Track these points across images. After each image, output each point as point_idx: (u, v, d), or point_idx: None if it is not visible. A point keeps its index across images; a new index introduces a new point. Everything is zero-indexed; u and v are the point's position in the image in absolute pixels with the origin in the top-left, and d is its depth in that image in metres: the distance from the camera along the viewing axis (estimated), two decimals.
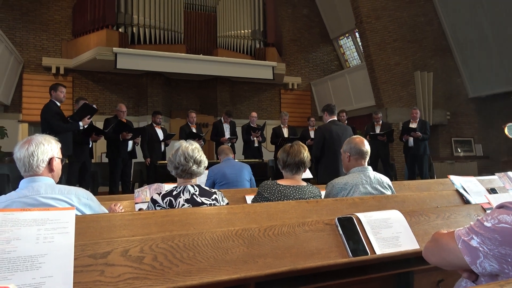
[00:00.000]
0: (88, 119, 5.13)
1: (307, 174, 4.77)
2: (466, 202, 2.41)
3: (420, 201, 2.27)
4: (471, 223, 0.99)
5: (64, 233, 1.20)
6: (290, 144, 2.46)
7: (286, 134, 7.50)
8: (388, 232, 1.66)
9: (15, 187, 1.83)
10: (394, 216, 1.74)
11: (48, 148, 1.86)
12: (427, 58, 9.37)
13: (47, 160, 1.84)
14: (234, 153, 6.83)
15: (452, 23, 9.47)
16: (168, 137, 6.76)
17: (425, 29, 9.39)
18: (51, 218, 1.21)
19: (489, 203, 2.14)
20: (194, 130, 6.89)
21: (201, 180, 3.74)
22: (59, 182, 1.92)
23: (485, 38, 8.89)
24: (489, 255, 0.92)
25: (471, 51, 9.36)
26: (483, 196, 2.37)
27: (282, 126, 7.66)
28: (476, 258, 0.94)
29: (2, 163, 6.59)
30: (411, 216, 1.79)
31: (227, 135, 7.24)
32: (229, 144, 6.87)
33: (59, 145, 1.96)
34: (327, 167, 4.50)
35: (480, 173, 8.65)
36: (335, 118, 4.70)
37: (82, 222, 1.49)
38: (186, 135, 6.52)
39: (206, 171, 3.92)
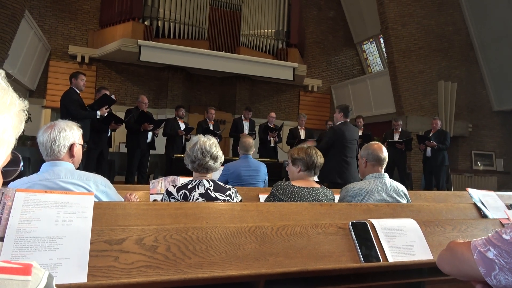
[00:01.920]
0: (105, 109, 5.23)
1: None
2: (484, 216, 2.36)
3: (436, 212, 2.23)
4: (489, 234, 0.97)
5: (83, 217, 1.23)
6: (305, 146, 2.43)
7: (303, 135, 7.47)
8: (402, 241, 1.64)
9: (35, 170, 1.88)
10: (409, 225, 1.72)
11: (70, 134, 1.89)
12: (452, 68, 9.19)
13: (68, 145, 1.88)
14: None
15: (481, 34, 9.25)
16: (188, 130, 6.83)
17: (452, 38, 9.20)
18: (71, 201, 1.25)
19: (508, 218, 2.09)
20: (211, 127, 6.96)
21: (215, 175, 3.72)
22: (77, 169, 1.96)
23: None
24: (505, 268, 0.90)
25: (499, 63, 9.13)
26: (502, 211, 2.31)
27: (299, 127, 7.64)
28: (491, 270, 0.92)
29: (24, 147, 6.77)
30: (426, 226, 1.76)
31: (246, 132, 7.28)
32: None
33: (81, 131, 2.00)
34: (337, 167, 4.57)
35: (499, 189, 8.43)
36: (348, 121, 4.76)
37: (99, 209, 1.52)
38: (203, 130, 6.58)
39: (222, 167, 3.91)
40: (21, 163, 0.70)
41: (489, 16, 8.91)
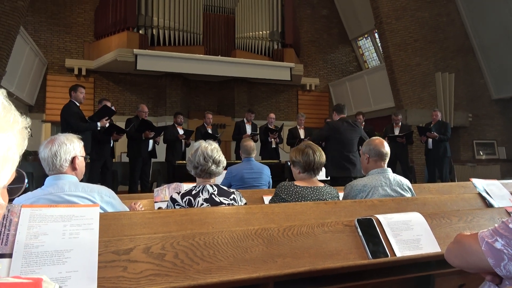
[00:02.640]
0: (106, 120, 5.25)
1: (324, 175, 4.79)
2: (489, 205, 2.36)
3: (441, 204, 2.23)
4: (496, 225, 0.97)
5: (89, 229, 1.23)
6: (303, 145, 2.39)
7: (302, 135, 7.46)
8: (409, 235, 1.64)
9: (38, 185, 1.89)
10: (415, 219, 1.72)
11: (71, 148, 1.90)
12: (448, 59, 9.19)
13: (70, 159, 1.89)
14: None
15: (475, 23, 9.26)
16: (187, 133, 6.85)
17: (447, 29, 9.21)
18: (76, 214, 1.25)
19: None
20: (209, 131, 6.98)
21: (218, 179, 3.70)
22: (81, 181, 1.96)
23: (510, 38, 8.65)
24: None
25: (495, 51, 9.12)
26: (507, 199, 2.31)
27: (298, 127, 7.64)
28: (500, 261, 0.92)
29: (26, 162, 6.78)
30: (432, 219, 1.76)
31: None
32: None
33: (81, 143, 2.00)
34: (335, 162, 4.64)
35: (503, 177, 8.41)
36: (344, 116, 4.80)
37: (105, 220, 1.52)
38: (202, 135, 6.59)
39: (224, 171, 3.90)
40: (26, 180, 0.71)
41: (483, 4, 8.91)
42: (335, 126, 4.72)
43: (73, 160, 1.90)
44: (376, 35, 10.67)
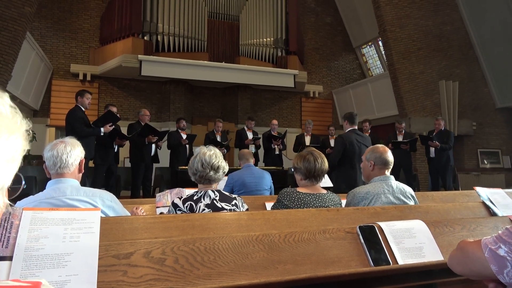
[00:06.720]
0: (109, 126, 5.28)
1: (327, 182, 4.71)
2: (493, 214, 2.33)
3: (444, 212, 2.21)
4: (499, 232, 0.96)
5: (90, 233, 1.23)
6: (305, 152, 2.37)
7: (308, 142, 7.47)
8: (411, 242, 1.62)
9: (41, 188, 1.90)
10: (418, 226, 1.70)
11: (79, 150, 1.98)
12: (452, 67, 9.18)
13: (79, 160, 1.96)
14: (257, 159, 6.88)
15: (479, 32, 9.26)
16: (190, 137, 6.87)
17: (451, 37, 9.21)
18: (77, 218, 1.25)
19: None
20: (218, 138, 7.03)
21: (220, 186, 3.71)
22: (84, 185, 1.98)
23: None
24: None
25: (499, 60, 9.11)
26: (511, 208, 2.29)
27: (305, 134, 7.66)
28: (503, 268, 0.91)
29: (29, 166, 6.81)
30: (435, 227, 1.75)
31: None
32: (253, 146, 6.93)
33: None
34: (345, 176, 4.43)
35: (508, 186, 8.35)
36: (356, 127, 4.60)
37: (106, 224, 1.52)
38: (210, 142, 6.60)
39: (226, 177, 3.92)
40: (23, 182, 0.72)
41: (487, 13, 8.92)
42: (349, 140, 4.37)
43: (80, 162, 1.97)
44: (380, 43, 10.69)
